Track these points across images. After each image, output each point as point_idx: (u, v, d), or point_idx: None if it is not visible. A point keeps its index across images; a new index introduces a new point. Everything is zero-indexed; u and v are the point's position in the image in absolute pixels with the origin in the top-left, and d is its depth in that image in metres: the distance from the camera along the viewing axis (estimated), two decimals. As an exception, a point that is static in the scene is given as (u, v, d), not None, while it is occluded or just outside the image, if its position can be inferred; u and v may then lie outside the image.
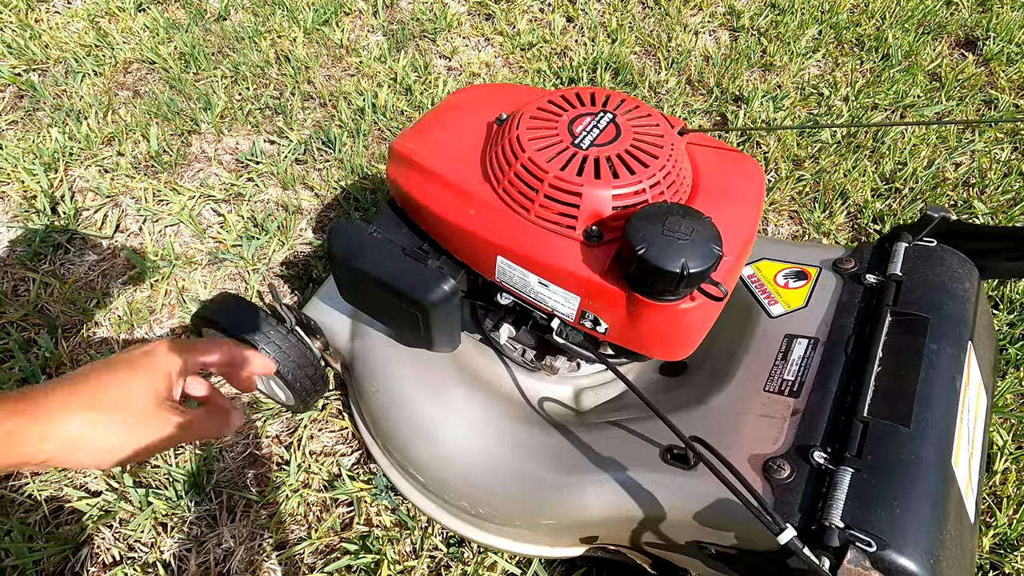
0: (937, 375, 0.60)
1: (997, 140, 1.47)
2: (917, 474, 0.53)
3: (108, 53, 1.57)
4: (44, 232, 1.19)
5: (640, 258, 0.49)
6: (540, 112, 0.63)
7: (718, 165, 0.65)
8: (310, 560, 0.85)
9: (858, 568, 0.46)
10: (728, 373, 0.71)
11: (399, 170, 0.68)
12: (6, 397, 0.36)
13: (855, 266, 0.75)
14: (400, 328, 0.74)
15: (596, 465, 0.67)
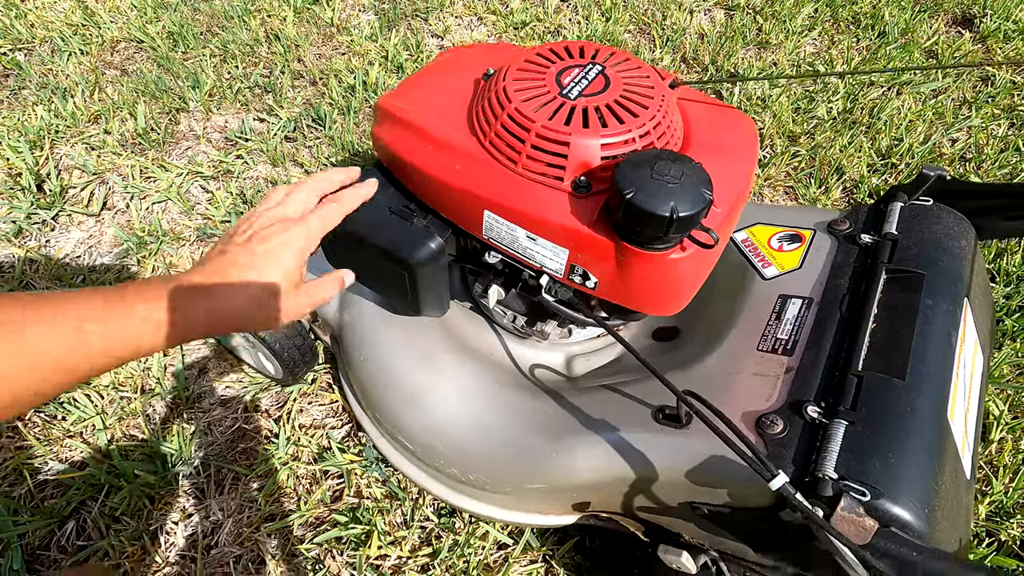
0: (932, 330, 0.59)
1: (994, 116, 1.46)
2: (912, 425, 0.52)
3: (95, 32, 1.55)
4: (29, 209, 1.17)
5: (628, 202, 0.48)
6: (527, 64, 0.61)
7: (710, 120, 0.64)
8: (299, 532, 0.84)
9: (852, 515, 0.45)
10: (721, 334, 0.70)
11: (385, 127, 0.67)
12: (160, 281, 0.42)
13: (850, 227, 0.74)
14: (387, 292, 0.73)
15: (587, 427, 0.66)
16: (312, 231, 0.51)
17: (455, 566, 0.80)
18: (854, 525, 0.45)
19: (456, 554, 0.81)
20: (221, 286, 0.44)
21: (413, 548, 0.82)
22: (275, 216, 0.50)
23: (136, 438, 0.91)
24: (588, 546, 0.83)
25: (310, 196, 0.53)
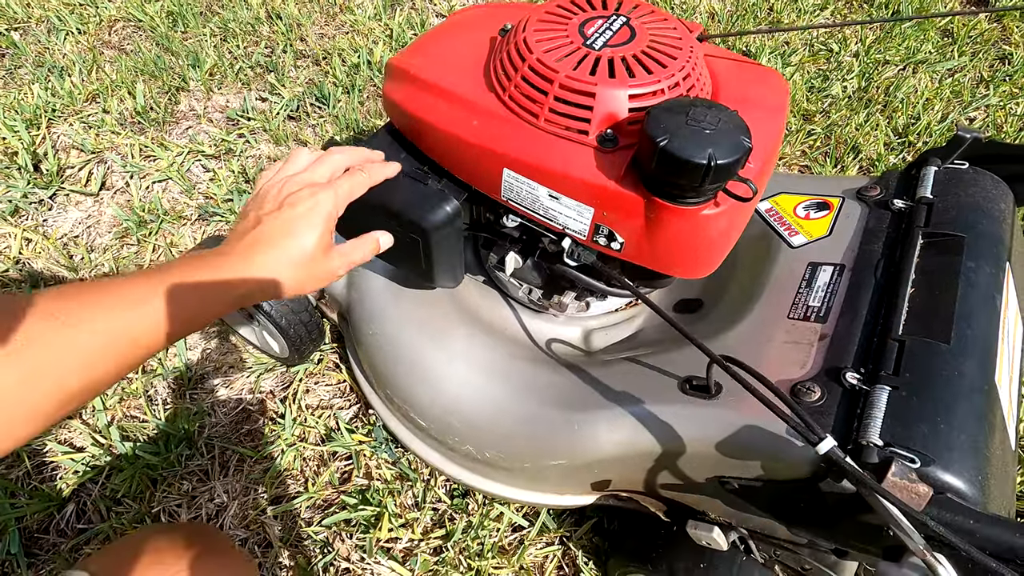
0: (976, 292, 0.56)
1: (1012, 95, 1.43)
2: (960, 390, 0.49)
3: (92, 11, 1.52)
4: (26, 188, 1.14)
5: (662, 150, 0.45)
6: (549, 16, 0.58)
7: (739, 74, 0.61)
8: (307, 515, 0.82)
9: (904, 481, 0.42)
10: (748, 304, 0.67)
11: (397, 87, 0.64)
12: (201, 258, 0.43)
13: (881, 193, 0.71)
14: (400, 261, 0.70)
15: (610, 400, 0.63)
16: (340, 196, 0.50)
17: (469, 548, 0.77)
18: (906, 491, 0.42)
19: (470, 536, 0.78)
20: (260, 256, 0.44)
21: (425, 530, 0.80)
22: (303, 181, 0.50)
23: (137, 419, 0.88)
24: (606, 528, 0.80)
25: (337, 165, 0.53)
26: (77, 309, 0.36)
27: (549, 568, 0.78)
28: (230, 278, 0.43)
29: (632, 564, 0.68)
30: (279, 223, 0.46)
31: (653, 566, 0.64)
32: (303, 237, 0.46)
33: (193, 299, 0.40)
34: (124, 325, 0.37)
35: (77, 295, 0.36)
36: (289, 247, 0.46)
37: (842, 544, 0.54)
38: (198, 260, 0.43)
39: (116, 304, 0.37)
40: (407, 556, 0.78)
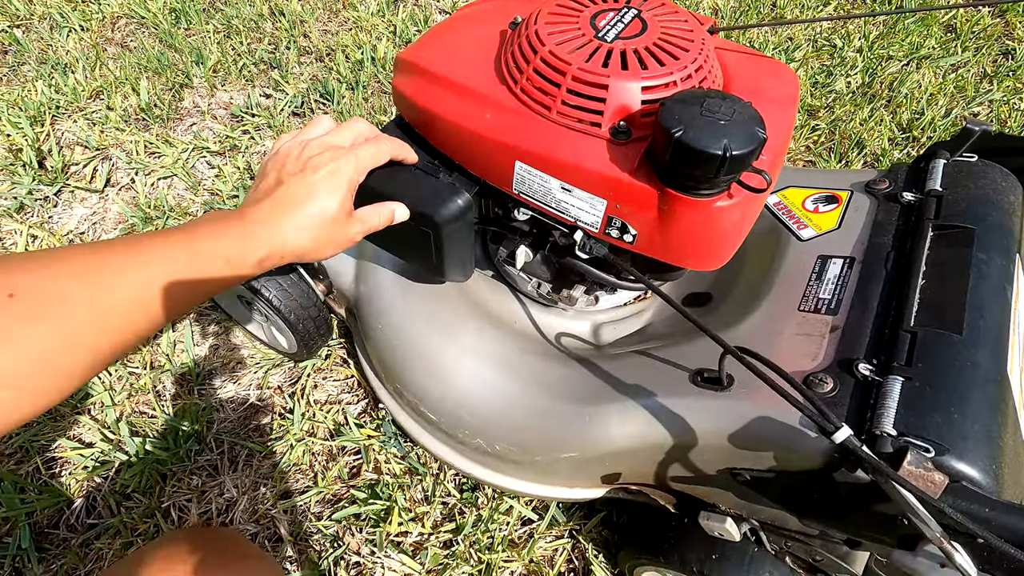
0: (987, 284, 0.56)
1: (1016, 90, 1.43)
2: (974, 380, 0.49)
3: (95, 8, 1.51)
4: (31, 185, 1.14)
5: (677, 141, 0.45)
6: (559, 8, 0.58)
7: (749, 67, 0.61)
8: (316, 509, 0.82)
9: (920, 469, 0.42)
10: (758, 296, 0.67)
11: (406, 80, 0.64)
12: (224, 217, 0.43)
13: (890, 186, 0.71)
14: (410, 255, 0.70)
15: (621, 393, 0.63)
16: (362, 161, 0.50)
17: (479, 541, 0.77)
18: (923, 480, 0.42)
19: (480, 529, 0.78)
20: (282, 219, 0.45)
21: (435, 524, 0.80)
22: (325, 144, 0.49)
23: (146, 415, 0.88)
24: (616, 521, 0.80)
25: (359, 131, 0.54)
26: (104, 269, 0.35)
27: (559, 561, 0.78)
28: (254, 239, 0.43)
29: (644, 556, 0.68)
30: (302, 185, 0.46)
31: (665, 557, 0.64)
32: (326, 200, 0.46)
33: (219, 261, 0.40)
34: (153, 286, 0.37)
35: (108, 253, 0.36)
36: (312, 210, 0.46)
37: (854, 534, 0.54)
38: (221, 222, 0.42)
39: (146, 264, 0.37)
40: (417, 550, 0.78)
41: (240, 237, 0.42)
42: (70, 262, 0.35)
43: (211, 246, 0.41)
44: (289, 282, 0.80)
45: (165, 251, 0.39)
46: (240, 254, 0.42)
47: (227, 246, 0.41)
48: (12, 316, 0.32)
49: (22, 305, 0.32)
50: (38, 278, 0.33)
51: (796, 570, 0.62)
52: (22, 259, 0.34)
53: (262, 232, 0.44)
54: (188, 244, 0.40)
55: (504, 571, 0.77)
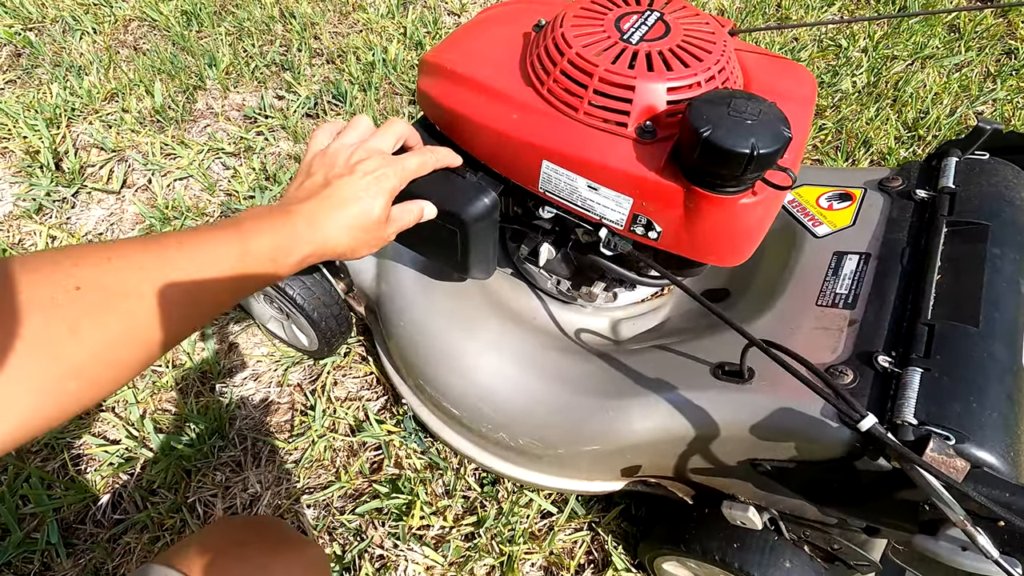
0: (1001, 278, 0.58)
1: (1019, 88, 1.45)
2: (991, 371, 0.51)
3: (107, 11, 1.53)
4: (49, 186, 1.15)
5: (706, 140, 0.46)
6: (584, 12, 0.59)
7: (768, 68, 0.62)
8: (339, 504, 0.83)
9: (942, 456, 0.44)
10: (775, 293, 0.69)
11: (432, 82, 0.65)
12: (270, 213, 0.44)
13: (903, 183, 0.73)
14: (434, 252, 0.71)
15: (642, 387, 0.65)
16: (407, 171, 0.52)
17: (501, 534, 0.79)
18: (946, 466, 0.44)
19: (501, 522, 0.80)
20: (326, 219, 0.46)
21: (456, 517, 0.81)
22: (372, 149, 0.51)
23: (169, 412, 0.90)
24: (634, 514, 0.82)
25: (400, 133, 0.56)
26: (159, 263, 0.36)
27: (579, 553, 0.79)
28: (298, 236, 0.44)
29: (665, 547, 0.69)
30: (349, 187, 0.48)
31: (687, 547, 0.66)
32: (370, 203, 0.48)
33: (265, 256, 0.42)
34: (202, 280, 0.38)
35: (161, 248, 0.37)
36: (356, 212, 0.47)
37: (875, 522, 0.56)
38: (267, 218, 0.43)
39: (196, 258, 0.38)
40: (439, 542, 0.80)
41: (286, 233, 0.43)
42: (128, 256, 0.36)
43: (258, 242, 0.41)
44: (312, 280, 0.81)
45: (214, 246, 0.39)
46: (285, 250, 0.43)
47: (273, 242, 0.42)
48: (79, 308, 0.33)
49: (88, 297, 0.33)
50: (101, 271, 0.34)
51: (815, 558, 0.64)
52: (82, 252, 0.35)
53: (306, 229, 0.45)
54: (236, 239, 0.40)
55: (525, 563, 0.79)
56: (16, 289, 0.31)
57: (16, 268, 0.32)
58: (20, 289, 0.31)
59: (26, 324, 0.30)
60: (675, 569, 0.74)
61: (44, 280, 0.32)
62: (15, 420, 0.30)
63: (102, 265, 0.35)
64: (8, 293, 0.30)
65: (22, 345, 0.30)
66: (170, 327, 0.37)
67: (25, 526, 0.79)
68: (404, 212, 0.55)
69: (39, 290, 0.31)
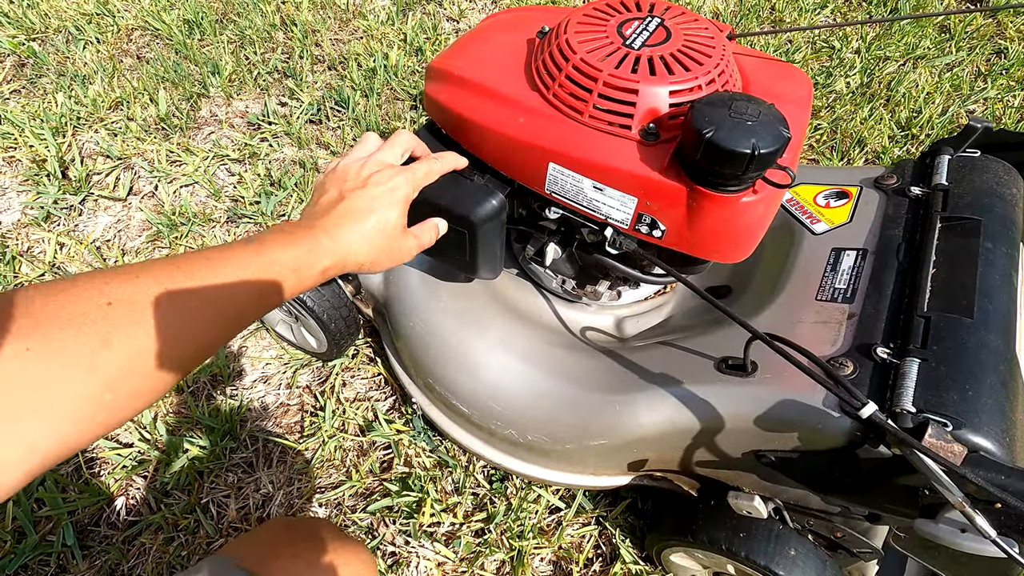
0: (994, 271, 0.60)
1: (1009, 87, 1.47)
2: (986, 360, 0.53)
3: (109, 21, 1.54)
4: (56, 194, 1.16)
5: (708, 141, 0.48)
6: (587, 19, 0.61)
7: (765, 71, 0.64)
8: (351, 503, 0.85)
9: (941, 441, 0.46)
10: (776, 289, 0.70)
11: (439, 87, 0.67)
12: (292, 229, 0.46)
13: (897, 181, 0.75)
14: (443, 253, 0.73)
15: (648, 382, 0.67)
16: (417, 180, 0.54)
17: (510, 529, 0.80)
18: (943, 451, 0.45)
19: (510, 518, 0.81)
20: (345, 231, 0.48)
21: (466, 514, 0.83)
22: (381, 161, 0.53)
23: (181, 414, 0.91)
24: (641, 507, 0.84)
25: (407, 145, 0.58)
26: (187, 279, 0.37)
27: (587, 547, 0.81)
28: (320, 249, 0.45)
29: (673, 538, 0.71)
30: (363, 199, 0.49)
31: (694, 538, 0.67)
32: (385, 213, 0.50)
33: (288, 270, 0.43)
34: (228, 295, 0.39)
35: (188, 265, 0.38)
36: (372, 222, 0.49)
37: (877, 508, 0.58)
38: (289, 234, 0.45)
39: (222, 274, 0.39)
40: (450, 539, 0.81)
41: (307, 247, 0.45)
42: (156, 274, 0.37)
43: (281, 256, 0.43)
44: (321, 284, 0.83)
45: (238, 261, 0.41)
46: (308, 263, 0.44)
47: (295, 256, 0.44)
48: (110, 322, 0.34)
49: (118, 312, 0.34)
50: (131, 288, 0.36)
51: (819, 546, 0.65)
52: (113, 271, 0.37)
53: (327, 242, 0.46)
54: (259, 254, 0.42)
55: (535, 558, 0.80)
56: (51, 308, 0.32)
57: (51, 289, 0.33)
58: (55, 307, 0.32)
59: (62, 339, 0.31)
60: (682, 560, 0.76)
61: (77, 298, 0.33)
62: (57, 435, 0.31)
63: (132, 282, 0.36)
64: (44, 312, 0.32)
65: (59, 359, 0.31)
66: (198, 339, 0.38)
67: (40, 529, 0.80)
68: (425, 231, 0.58)
69: (73, 307, 0.33)
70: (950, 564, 0.60)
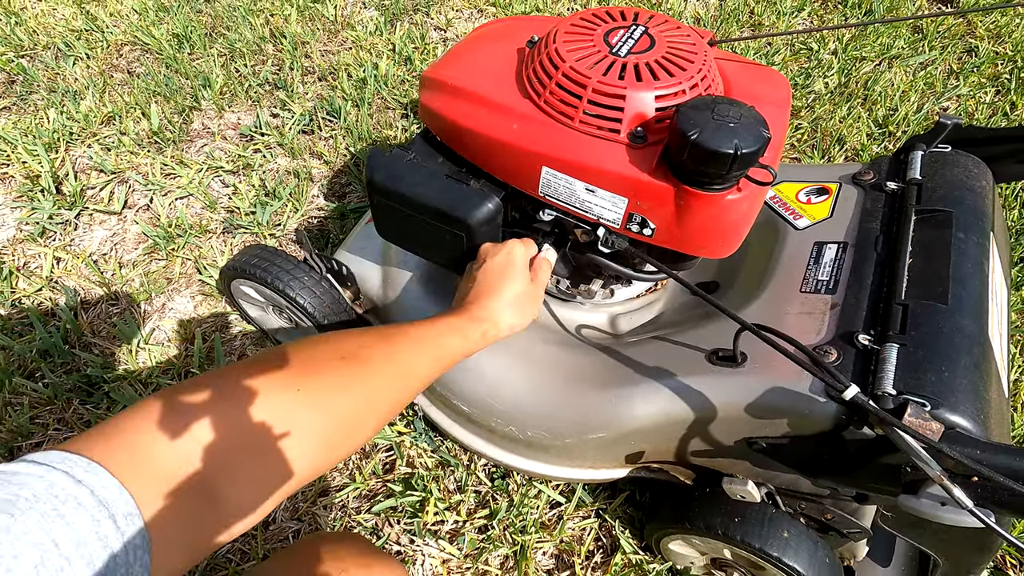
0: (967, 260, 0.63)
1: (980, 84, 1.53)
2: (961, 343, 0.56)
3: (99, 36, 1.55)
4: (51, 210, 1.17)
5: (693, 143, 0.51)
6: (574, 28, 0.64)
7: (746, 74, 0.67)
8: (354, 505, 0.86)
9: (919, 420, 0.48)
10: (762, 282, 0.73)
11: (434, 96, 0.69)
12: (454, 315, 0.57)
13: (874, 177, 0.78)
14: (440, 256, 0.75)
15: (642, 375, 0.69)
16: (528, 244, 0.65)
17: (513, 525, 0.82)
18: (922, 428, 0.48)
19: (512, 514, 0.83)
20: (486, 309, 0.58)
21: (469, 512, 0.84)
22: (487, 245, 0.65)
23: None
24: (639, 499, 0.86)
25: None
26: (395, 351, 0.48)
27: (588, 539, 0.83)
28: (472, 325, 0.56)
29: (671, 526, 0.73)
30: (492, 278, 0.60)
31: (691, 524, 0.70)
32: (512, 283, 0.60)
33: (458, 351, 0.54)
34: (417, 367, 0.49)
35: (390, 344, 0.48)
36: (506, 295, 0.59)
37: (863, 488, 0.60)
38: (447, 318, 0.56)
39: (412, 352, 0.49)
40: (454, 536, 0.83)
41: (464, 329, 0.55)
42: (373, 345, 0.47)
43: (450, 338, 0.54)
44: (321, 290, 0.84)
45: (421, 344, 0.51)
46: (466, 339, 0.55)
47: (459, 336, 0.55)
48: (342, 374, 0.43)
49: (351, 366, 0.43)
50: (354, 348, 0.45)
51: (811, 528, 0.68)
52: (340, 336, 0.47)
53: (478, 322, 0.57)
54: (434, 336, 0.52)
55: (538, 551, 0.82)
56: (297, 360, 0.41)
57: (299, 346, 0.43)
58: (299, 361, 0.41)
59: (306, 387, 0.40)
60: (681, 548, 0.78)
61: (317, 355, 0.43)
62: (311, 462, 0.38)
63: (356, 348, 0.45)
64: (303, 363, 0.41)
65: (307, 402, 0.39)
66: (391, 402, 0.46)
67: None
68: (541, 275, 0.65)
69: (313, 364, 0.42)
70: (934, 540, 0.63)
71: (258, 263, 0.83)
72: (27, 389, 0.94)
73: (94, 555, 0.26)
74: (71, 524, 0.26)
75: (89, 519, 0.27)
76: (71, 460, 0.29)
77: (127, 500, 0.29)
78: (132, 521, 0.28)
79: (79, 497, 0.27)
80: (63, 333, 1.00)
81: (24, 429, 0.90)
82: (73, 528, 0.26)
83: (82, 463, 0.29)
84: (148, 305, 1.07)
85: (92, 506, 0.27)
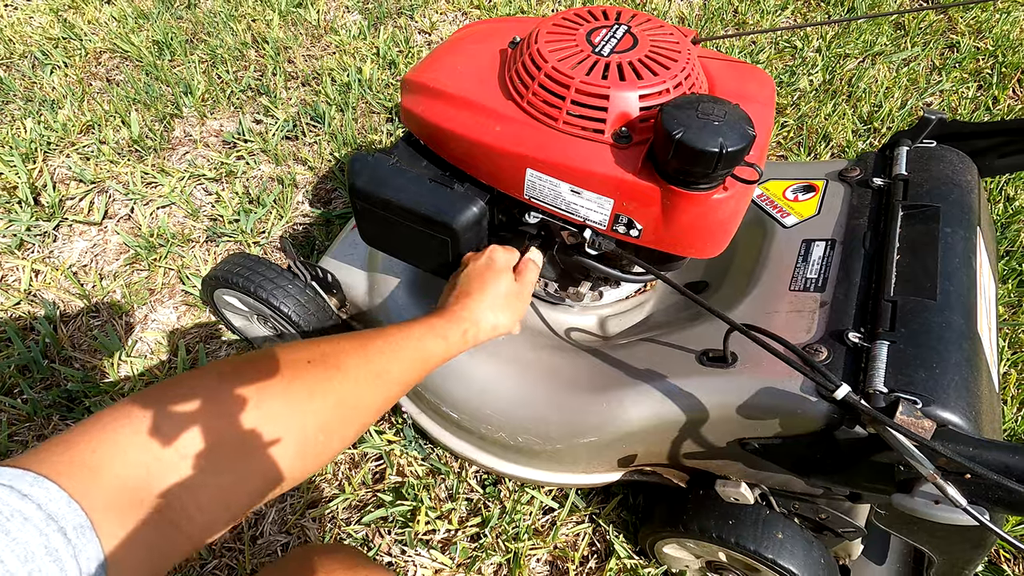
0: (954, 254, 0.63)
1: (963, 80, 1.54)
2: (950, 339, 0.55)
3: (76, 45, 1.53)
4: (29, 221, 1.14)
5: (678, 142, 0.50)
6: (556, 28, 0.63)
7: (729, 72, 0.67)
8: (345, 515, 0.84)
9: (911, 418, 0.48)
10: (751, 281, 0.73)
11: (416, 99, 0.68)
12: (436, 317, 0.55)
13: (860, 173, 0.78)
14: (425, 261, 0.74)
15: (633, 377, 0.68)
16: (510, 250, 0.64)
17: (505, 532, 0.81)
18: (914, 426, 0.48)
19: (505, 521, 0.82)
20: (467, 309, 0.57)
21: (461, 520, 0.83)
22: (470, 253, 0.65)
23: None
24: (632, 503, 0.85)
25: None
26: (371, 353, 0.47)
27: (582, 545, 0.82)
28: (452, 326, 0.55)
29: (665, 530, 0.72)
30: (473, 283, 0.59)
31: (685, 528, 0.69)
32: (495, 287, 0.59)
33: (439, 353, 0.53)
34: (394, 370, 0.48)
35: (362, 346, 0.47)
36: (487, 298, 0.58)
37: (856, 487, 0.60)
38: (427, 320, 0.55)
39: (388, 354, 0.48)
40: (446, 545, 0.81)
41: (447, 331, 0.54)
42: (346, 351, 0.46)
43: (430, 338, 0.53)
44: (306, 298, 0.83)
45: (398, 347, 0.50)
46: (447, 341, 0.54)
47: (442, 337, 0.54)
48: (313, 377, 0.42)
49: (316, 370, 0.42)
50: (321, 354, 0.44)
51: (805, 529, 0.67)
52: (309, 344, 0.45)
53: (458, 324, 0.56)
54: (416, 336, 0.52)
55: (531, 558, 0.81)
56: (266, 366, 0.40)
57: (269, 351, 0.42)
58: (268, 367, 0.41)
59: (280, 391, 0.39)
60: (675, 551, 0.77)
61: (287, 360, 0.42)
62: (286, 470, 0.37)
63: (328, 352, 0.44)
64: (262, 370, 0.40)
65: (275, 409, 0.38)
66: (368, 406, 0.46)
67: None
68: (526, 275, 0.64)
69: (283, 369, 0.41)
70: (929, 537, 0.63)
71: (241, 272, 0.81)
72: (5, 406, 0.91)
73: (43, 569, 0.25)
74: (16, 539, 0.25)
75: (36, 533, 0.26)
76: (16, 475, 0.28)
77: (77, 512, 0.28)
78: (83, 533, 0.27)
79: (24, 511, 0.26)
80: (42, 347, 0.98)
81: (2, 447, 0.87)
82: (19, 543, 0.25)
83: (28, 477, 0.28)
84: (130, 317, 1.05)
85: (39, 520, 0.26)
